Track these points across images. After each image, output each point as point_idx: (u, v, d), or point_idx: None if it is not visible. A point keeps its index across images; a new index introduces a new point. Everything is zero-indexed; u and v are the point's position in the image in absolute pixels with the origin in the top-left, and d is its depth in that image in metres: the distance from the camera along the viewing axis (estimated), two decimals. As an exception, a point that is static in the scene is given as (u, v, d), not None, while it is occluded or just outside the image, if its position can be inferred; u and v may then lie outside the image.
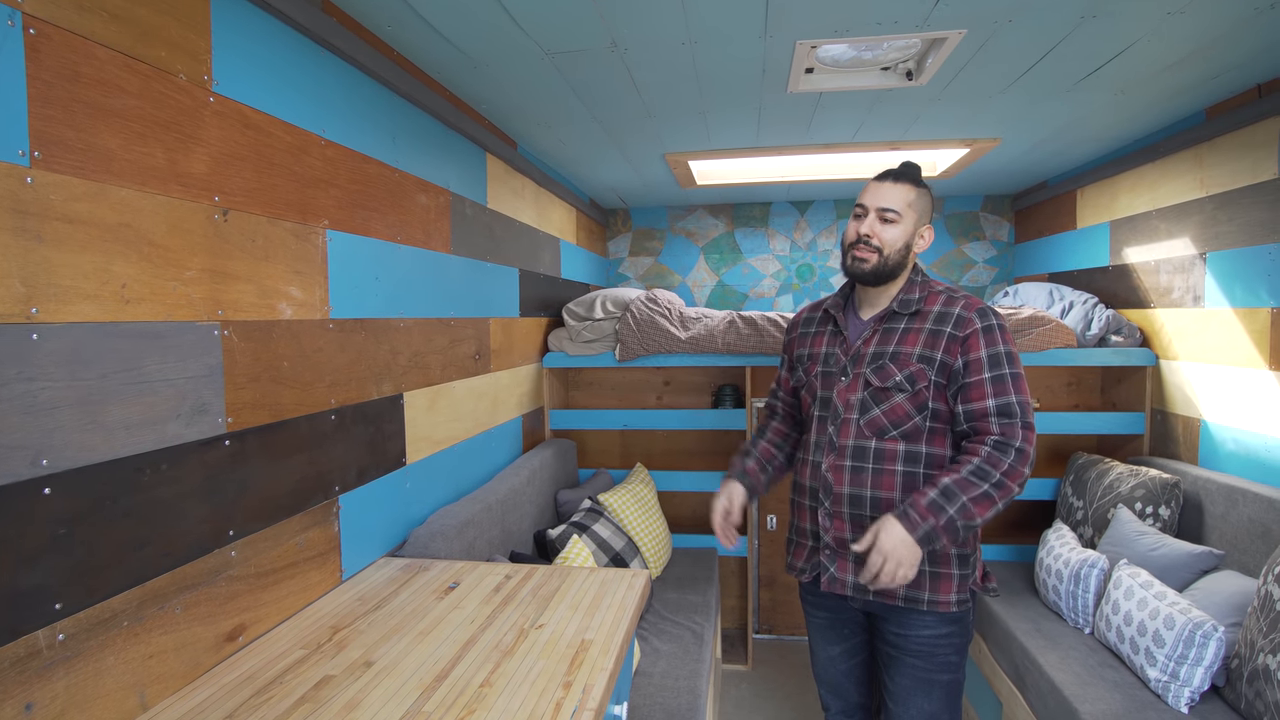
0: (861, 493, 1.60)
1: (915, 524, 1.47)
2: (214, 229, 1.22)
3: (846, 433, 1.63)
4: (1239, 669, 1.76)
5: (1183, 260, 2.58)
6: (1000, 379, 1.54)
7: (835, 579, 1.65)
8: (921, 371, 1.57)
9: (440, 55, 1.86)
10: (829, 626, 1.79)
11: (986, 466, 1.49)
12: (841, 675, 1.81)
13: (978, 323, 1.56)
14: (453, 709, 1.07)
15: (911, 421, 1.59)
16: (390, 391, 1.81)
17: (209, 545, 1.21)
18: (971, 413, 1.55)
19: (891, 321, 1.65)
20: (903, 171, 1.66)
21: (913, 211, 1.63)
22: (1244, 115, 2.17)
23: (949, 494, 1.48)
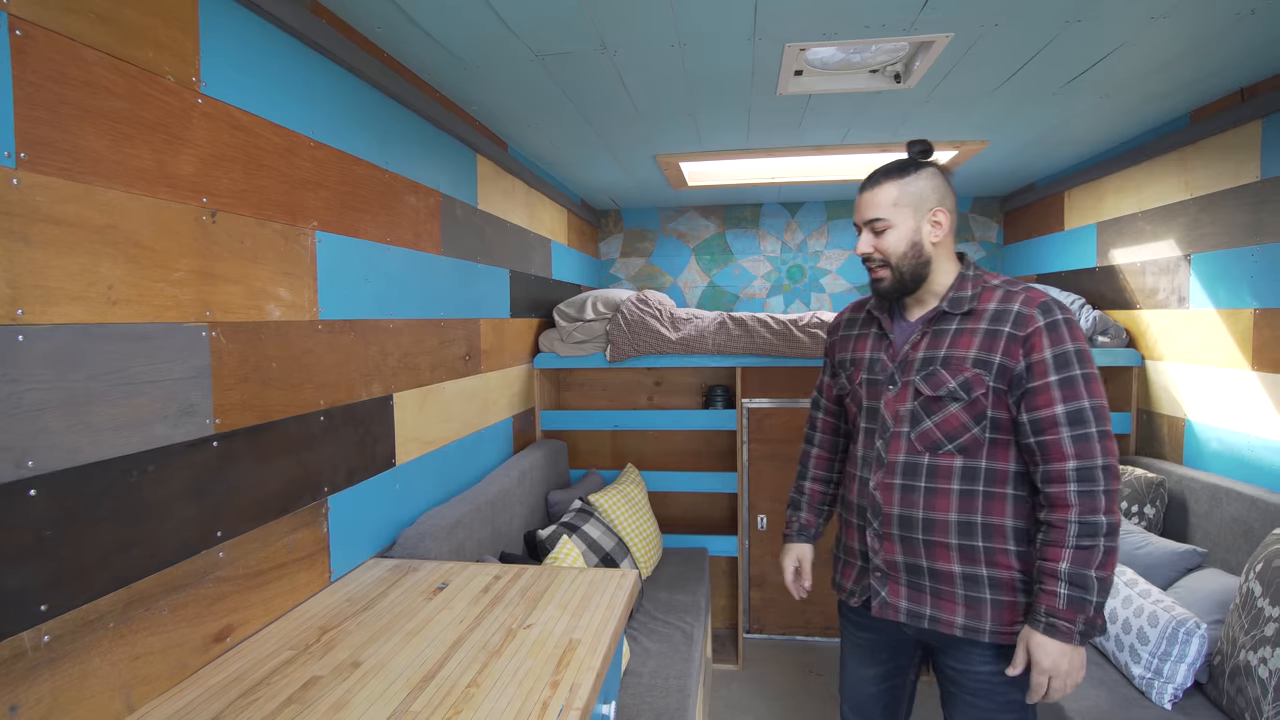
0: (913, 514, 1.44)
1: (1068, 632, 1.28)
2: (202, 230, 1.22)
3: (896, 448, 1.47)
4: (1221, 665, 1.78)
5: (1168, 262, 2.61)
6: (1069, 382, 1.33)
7: (887, 604, 1.50)
8: (978, 377, 1.38)
9: (430, 57, 1.86)
10: (867, 648, 1.64)
11: (1088, 519, 1.29)
12: (870, 698, 1.66)
13: (1040, 319, 1.36)
14: (440, 709, 1.07)
15: (969, 434, 1.40)
16: (380, 392, 1.81)
17: (197, 546, 1.21)
18: (1038, 422, 1.35)
19: (942, 322, 1.46)
20: (880, 172, 1.49)
21: (904, 207, 1.45)
22: (1227, 119, 2.20)
23: (1078, 581, 1.28)
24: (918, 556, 1.45)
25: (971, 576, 1.42)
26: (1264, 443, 2.14)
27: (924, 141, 1.50)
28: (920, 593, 1.47)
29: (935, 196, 1.46)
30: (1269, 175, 2.10)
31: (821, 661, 3.27)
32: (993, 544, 1.41)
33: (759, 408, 3.40)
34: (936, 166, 1.49)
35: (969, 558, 1.41)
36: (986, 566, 1.41)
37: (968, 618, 1.42)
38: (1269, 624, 1.66)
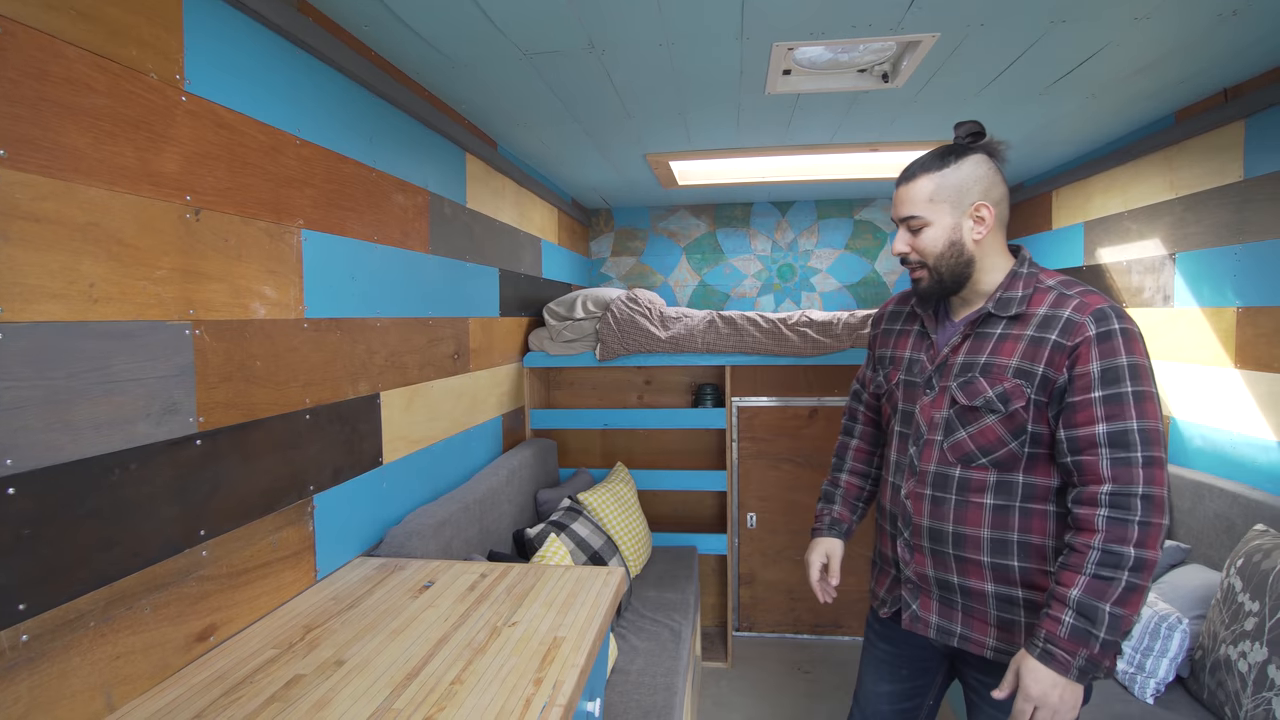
0: (943, 527, 1.36)
1: (1065, 663, 1.17)
2: (186, 228, 1.22)
3: (928, 456, 1.38)
4: (1202, 660, 1.80)
5: (1153, 261, 2.63)
6: (1116, 399, 1.20)
7: (918, 618, 1.44)
8: (1018, 389, 1.27)
9: (418, 56, 1.86)
10: (886, 662, 1.56)
11: (1112, 546, 1.17)
12: (881, 715, 1.59)
13: (1091, 329, 1.22)
14: (422, 706, 1.07)
15: (1006, 449, 1.30)
16: (366, 391, 1.81)
17: (179, 545, 1.20)
18: (1076, 441, 1.23)
19: (986, 325, 1.35)
20: (917, 164, 1.36)
21: (941, 202, 1.32)
22: (1211, 119, 2.22)
23: (1088, 611, 1.16)
24: (949, 572, 1.37)
25: (1006, 597, 1.32)
26: (1246, 440, 2.16)
27: (974, 123, 1.34)
28: (951, 609, 1.40)
29: (979, 189, 1.32)
30: (1252, 175, 2.12)
31: (811, 659, 3.29)
32: (1029, 564, 1.30)
33: (748, 406, 3.41)
34: (984, 152, 1.35)
35: (1003, 577, 1.32)
36: (1023, 588, 1.31)
37: (1000, 640, 1.34)
38: (1249, 618, 1.68)
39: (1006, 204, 1.37)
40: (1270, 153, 2.05)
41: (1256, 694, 1.61)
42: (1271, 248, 2.06)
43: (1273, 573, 1.67)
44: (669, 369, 3.49)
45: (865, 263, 4.13)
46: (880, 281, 4.13)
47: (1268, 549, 1.74)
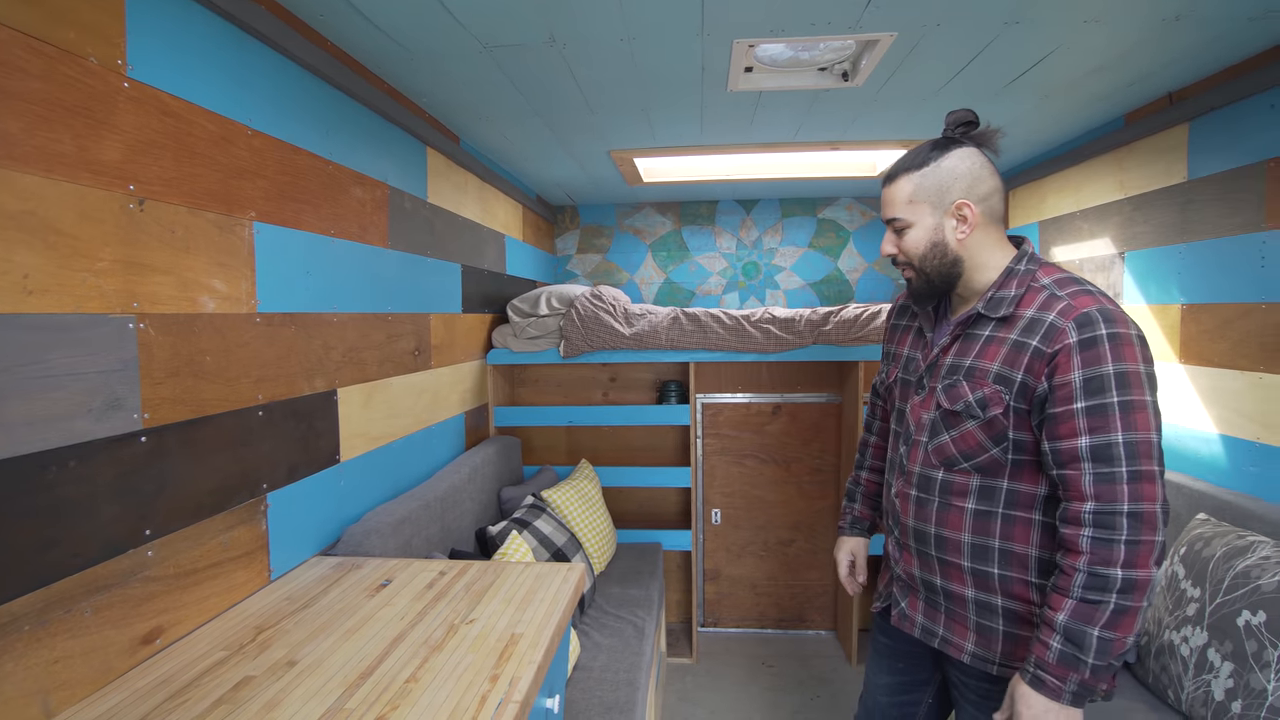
0: (926, 528, 1.36)
1: (1056, 690, 1.14)
2: (129, 218, 1.18)
3: (915, 457, 1.38)
4: (1148, 646, 1.85)
5: (1104, 259, 2.70)
6: (1100, 410, 1.13)
7: (906, 616, 1.46)
8: (997, 395, 1.23)
9: (375, 46, 1.82)
10: (885, 655, 1.58)
11: (1098, 568, 1.12)
12: (879, 707, 1.60)
13: (1072, 335, 1.16)
14: (375, 705, 1.06)
15: (988, 454, 1.26)
16: (323, 387, 1.78)
17: (123, 545, 1.17)
18: (1059, 454, 1.17)
19: (976, 326, 1.30)
20: (898, 164, 1.34)
21: (921, 203, 1.29)
22: (1158, 121, 2.28)
23: (1075, 637, 1.13)
24: (933, 574, 1.38)
25: (985, 604, 1.31)
26: (1189, 432, 2.24)
27: (965, 112, 1.29)
28: (936, 610, 1.41)
29: (960, 186, 1.27)
30: (1195, 176, 2.19)
31: (774, 653, 3.32)
32: (1010, 572, 1.28)
33: (713, 403, 3.42)
34: (972, 145, 1.29)
35: (983, 583, 1.30)
36: (1002, 596, 1.29)
37: (977, 645, 1.34)
38: (1191, 604, 1.73)
39: (999, 197, 1.30)
40: (1212, 155, 2.12)
41: (1197, 676, 1.66)
42: (1212, 247, 2.13)
43: (1213, 560, 1.73)
44: (634, 366, 3.49)
45: (829, 261, 4.18)
46: (843, 279, 4.18)
47: (1208, 537, 1.80)
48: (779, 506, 3.45)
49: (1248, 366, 2.00)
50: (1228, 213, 2.07)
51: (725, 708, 2.85)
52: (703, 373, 3.38)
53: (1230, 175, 2.06)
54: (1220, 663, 1.62)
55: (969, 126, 1.30)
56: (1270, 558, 1.63)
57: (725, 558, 3.50)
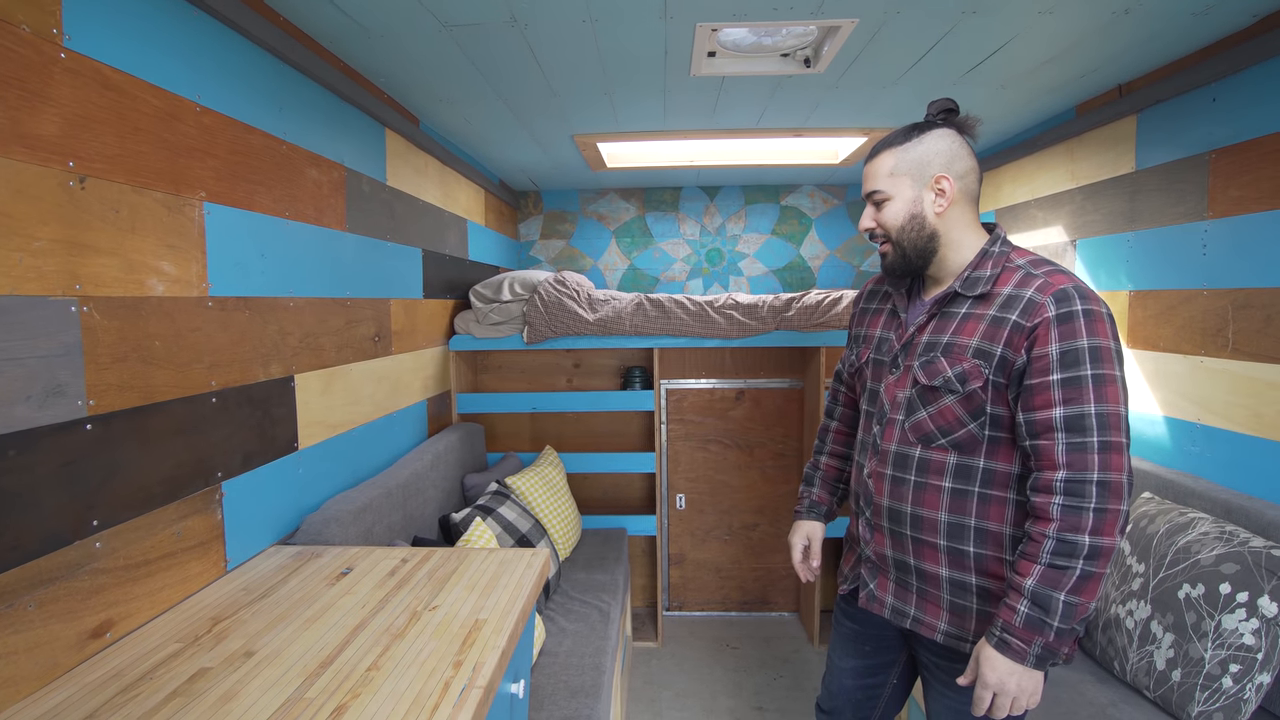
0: (901, 508, 1.37)
1: (1021, 652, 1.17)
2: (68, 197, 1.13)
3: (890, 436, 1.39)
4: (1096, 619, 1.93)
5: (1057, 247, 2.77)
6: (1075, 382, 1.17)
7: (875, 598, 1.47)
8: (976, 369, 1.25)
9: (330, 22, 1.77)
10: (851, 639, 1.58)
11: (1067, 535, 1.15)
12: (845, 690, 1.61)
13: (1051, 310, 1.20)
14: (336, 694, 1.04)
15: (965, 430, 1.29)
16: (279, 373, 1.73)
17: (68, 537, 1.13)
18: (1033, 424, 1.21)
19: (952, 304, 1.33)
20: (881, 141, 1.39)
21: (901, 176, 1.33)
22: (1108, 113, 2.34)
23: (1042, 601, 1.16)
24: (905, 554, 1.39)
25: (959, 583, 1.33)
26: (1137, 414, 2.32)
27: (946, 100, 1.34)
28: (907, 590, 1.42)
29: (940, 161, 1.31)
30: (1142, 166, 2.26)
31: (738, 635, 3.36)
32: (985, 550, 1.30)
33: (677, 388, 3.44)
34: (952, 128, 1.34)
35: (958, 562, 1.32)
36: (976, 574, 1.31)
37: (951, 624, 1.35)
38: (1135, 579, 1.80)
39: (975, 178, 1.35)
40: (1158, 146, 2.19)
41: (1141, 648, 1.74)
42: (1157, 235, 2.20)
43: (1157, 536, 1.80)
44: (598, 352, 3.48)
45: (791, 248, 4.21)
46: (805, 266, 4.22)
47: (1153, 514, 1.87)
48: (743, 491, 3.49)
49: (1190, 351, 2.08)
50: (1172, 202, 2.14)
51: (690, 690, 2.89)
52: (667, 358, 3.39)
53: (1175, 166, 2.12)
54: (1162, 634, 1.69)
55: (950, 114, 1.35)
56: (1209, 533, 1.70)
57: (690, 542, 3.53)
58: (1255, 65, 1.82)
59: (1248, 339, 1.87)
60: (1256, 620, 1.54)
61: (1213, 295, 1.99)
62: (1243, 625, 1.55)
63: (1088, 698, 1.75)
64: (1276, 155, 1.79)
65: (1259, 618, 1.54)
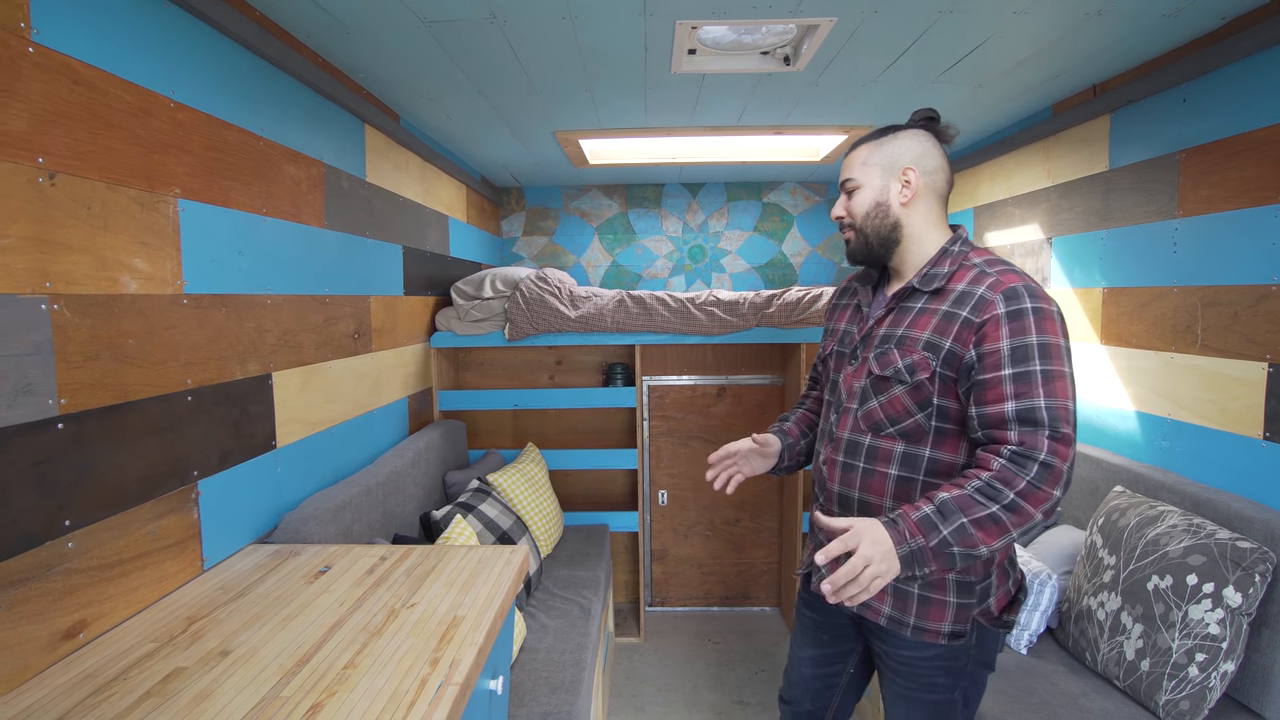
0: (850, 493, 1.42)
1: (900, 537, 1.17)
2: (38, 193, 1.12)
3: (844, 424, 1.44)
4: (1069, 611, 1.96)
5: (1033, 244, 2.81)
6: (1025, 377, 1.21)
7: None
8: (925, 361, 1.30)
9: (307, 18, 1.76)
10: (811, 628, 1.62)
11: (997, 483, 1.18)
12: (802, 680, 1.65)
13: (1000, 307, 1.24)
14: (312, 692, 1.04)
15: (912, 419, 1.33)
16: (257, 371, 1.72)
17: (40, 537, 1.12)
18: (986, 417, 1.23)
19: (910, 299, 1.39)
20: (861, 138, 1.45)
21: (874, 166, 1.39)
22: (1082, 112, 2.38)
23: (945, 511, 1.18)
24: None
25: None
26: (1110, 410, 2.36)
27: (928, 109, 1.42)
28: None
29: (909, 156, 1.37)
30: (1116, 165, 2.30)
31: (719, 630, 3.38)
32: None
33: (658, 385, 3.45)
34: (926, 130, 1.40)
35: None
36: None
37: (894, 609, 1.39)
38: (1107, 571, 1.84)
39: (943, 177, 1.40)
40: (1131, 145, 2.22)
41: (1111, 638, 1.77)
42: (1130, 233, 2.24)
43: (1127, 529, 1.84)
44: (580, 349, 3.48)
45: (773, 245, 4.23)
46: (788, 263, 4.24)
47: (1124, 508, 1.91)
48: (724, 487, 3.50)
49: (1161, 347, 2.11)
50: (1144, 201, 2.17)
51: (672, 684, 2.90)
52: (648, 355, 3.40)
53: (1147, 165, 2.16)
54: (1132, 625, 1.72)
55: (931, 121, 1.41)
56: (1177, 525, 1.74)
57: (672, 538, 3.55)
58: (1223, 67, 1.86)
59: (1215, 335, 1.91)
60: (1222, 610, 1.57)
61: (1183, 292, 2.03)
62: (1208, 615, 1.59)
63: (1060, 688, 1.79)
64: (1244, 155, 1.82)
65: (1224, 608, 1.57)
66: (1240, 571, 1.57)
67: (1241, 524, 1.68)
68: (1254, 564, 1.56)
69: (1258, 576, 1.56)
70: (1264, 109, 1.76)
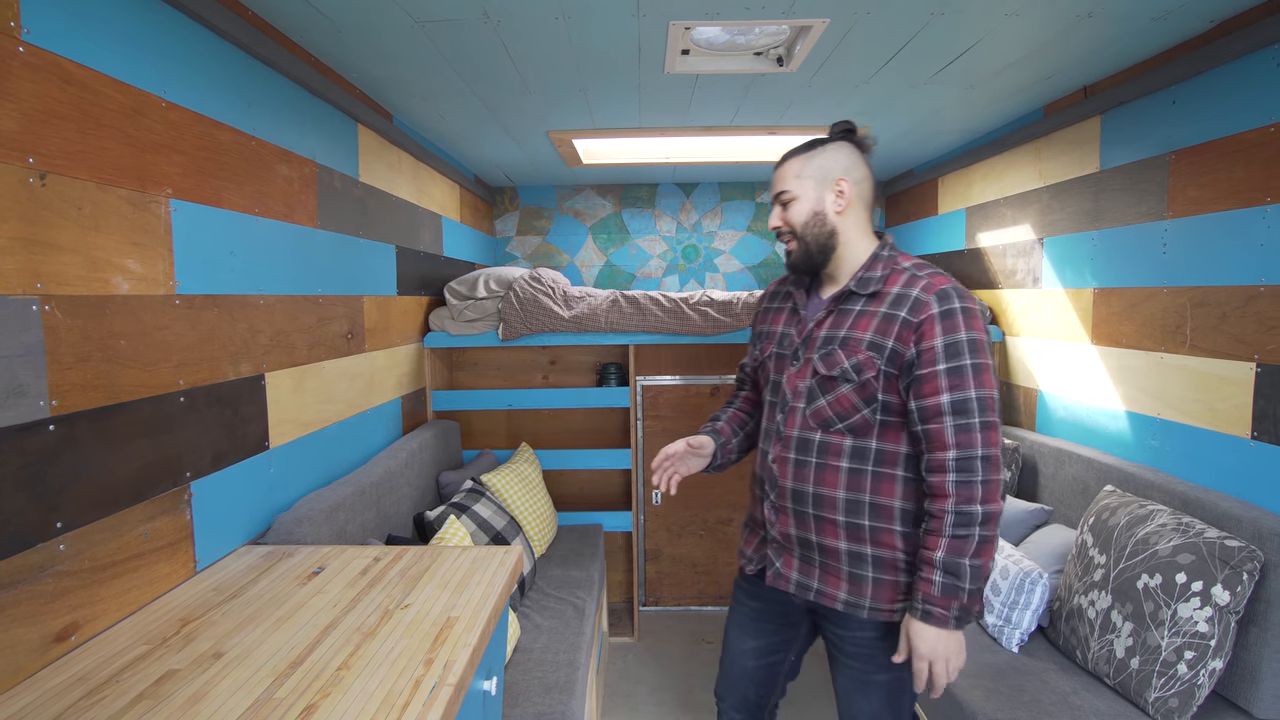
0: (804, 489, 1.49)
1: (943, 618, 1.32)
2: (28, 193, 1.11)
3: (792, 422, 1.51)
4: (1060, 610, 1.97)
5: (1025, 245, 2.83)
6: (958, 371, 1.35)
7: (780, 575, 1.56)
8: (870, 360, 1.40)
9: (300, 17, 1.75)
10: (753, 619, 1.67)
11: (964, 509, 1.32)
12: (744, 672, 1.69)
13: (935, 307, 1.37)
14: (306, 694, 1.04)
15: (859, 415, 1.43)
16: (249, 372, 1.72)
17: (31, 539, 1.11)
18: (924, 410, 1.37)
19: (848, 302, 1.48)
20: (790, 150, 1.54)
21: (807, 178, 1.48)
22: (1073, 114, 2.39)
23: (952, 569, 1.32)
24: (808, 531, 1.50)
25: (856, 554, 1.46)
26: (1100, 410, 2.37)
27: (845, 122, 1.53)
28: (810, 566, 1.52)
29: (839, 167, 1.48)
30: (1106, 166, 2.31)
31: (713, 630, 3.39)
32: (879, 523, 1.44)
33: (652, 385, 3.45)
34: (850, 142, 1.51)
35: (855, 535, 1.45)
36: (871, 545, 1.45)
37: (849, 594, 1.47)
38: (1097, 570, 1.85)
39: (869, 186, 1.51)
40: (1121, 146, 2.24)
41: (1101, 637, 1.78)
42: (1120, 234, 2.26)
43: (1118, 528, 1.85)
44: (574, 349, 3.48)
45: (766, 244, 4.24)
46: (780, 263, 4.25)
47: (1114, 507, 1.92)
48: (717, 486, 3.51)
49: (1151, 347, 2.13)
50: (1134, 202, 2.19)
51: (666, 684, 2.91)
52: (642, 355, 3.40)
53: (1137, 166, 2.17)
54: (1122, 623, 1.74)
55: (849, 133, 1.53)
56: (1167, 524, 1.75)
57: (666, 538, 3.55)
58: (1213, 69, 1.87)
59: (1204, 335, 1.93)
60: (1210, 608, 1.59)
61: (1172, 293, 2.04)
62: (1197, 613, 1.60)
63: (1051, 686, 1.80)
64: (1233, 157, 1.84)
65: (1212, 606, 1.59)
66: (1228, 570, 1.58)
67: (1230, 523, 1.70)
68: (1242, 562, 1.57)
69: (1245, 575, 1.57)
70: (1252, 111, 1.78)
